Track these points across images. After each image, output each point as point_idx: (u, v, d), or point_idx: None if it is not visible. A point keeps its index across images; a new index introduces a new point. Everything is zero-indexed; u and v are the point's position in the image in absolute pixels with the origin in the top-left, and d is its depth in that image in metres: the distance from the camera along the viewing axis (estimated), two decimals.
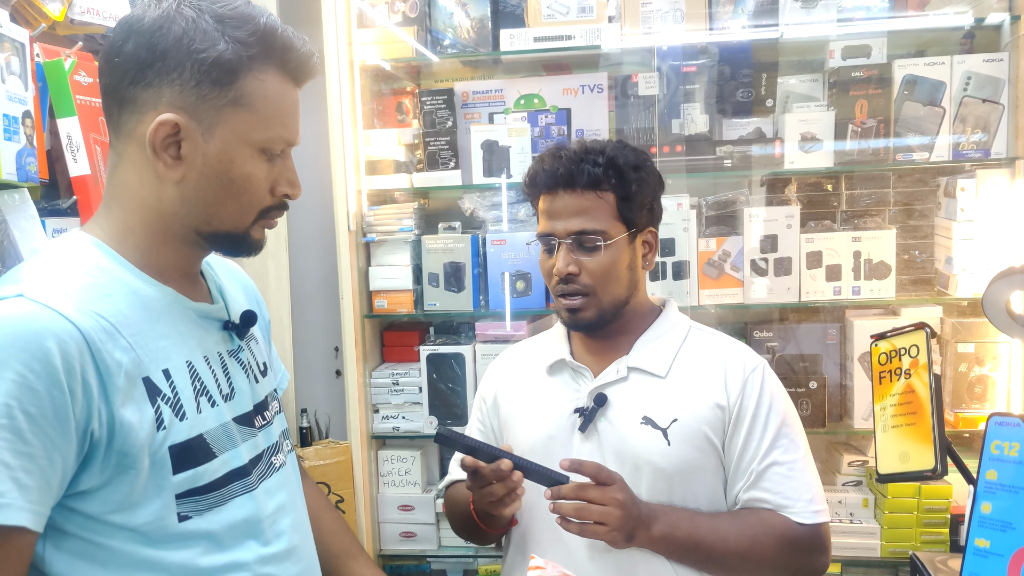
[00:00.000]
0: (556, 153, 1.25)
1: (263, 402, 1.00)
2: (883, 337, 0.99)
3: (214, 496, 0.88)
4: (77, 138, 1.47)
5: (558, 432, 1.27)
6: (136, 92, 0.84)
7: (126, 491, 0.81)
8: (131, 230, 0.89)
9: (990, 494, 0.81)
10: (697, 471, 1.23)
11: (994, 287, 0.97)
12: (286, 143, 0.90)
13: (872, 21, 1.96)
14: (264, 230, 0.94)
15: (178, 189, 0.87)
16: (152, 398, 0.83)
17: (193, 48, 0.82)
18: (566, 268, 1.22)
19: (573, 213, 1.22)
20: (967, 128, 1.93)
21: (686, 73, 2.04)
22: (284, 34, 0.86)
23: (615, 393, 1.26)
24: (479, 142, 2.07)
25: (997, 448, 0.82)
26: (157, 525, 0.83)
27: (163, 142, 0.84)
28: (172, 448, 0.84)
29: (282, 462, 1.00)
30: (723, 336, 1.34)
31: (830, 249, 1.98)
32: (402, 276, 2.13)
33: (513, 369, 1.40)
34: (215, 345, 0.94)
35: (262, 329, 1.10)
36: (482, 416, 1.42)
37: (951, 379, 1.94)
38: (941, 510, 1.90)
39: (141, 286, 0.87)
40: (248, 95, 0.85)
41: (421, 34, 2.13)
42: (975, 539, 0.80)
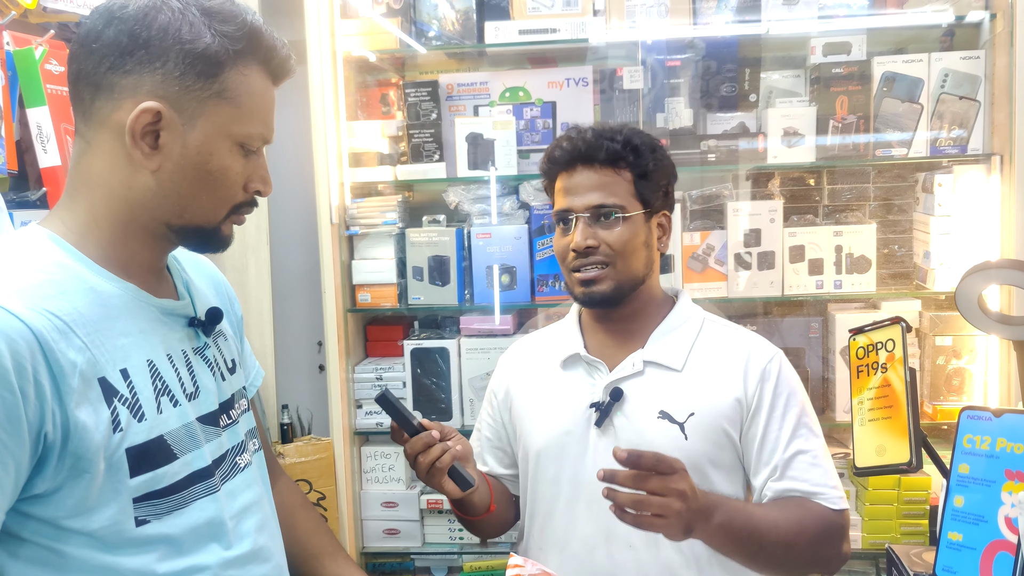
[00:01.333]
0: (576, 132, 1.27)
1: (229, 400, 0.98)
2: (861, 331, 1.00)
3: (174, 499, 0.86)
4: (47, 128, 1.45)
5: (574, 427, 1.26)
6: (115, 79, 0.83)
7: (81, 495, 0.79)
8: (95, 222, 0.87)
9: (962, 487, 0.82)
10: (714, 465, 1.23)
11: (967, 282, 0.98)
12: (263, 140, 0.91)
13: (853, 18, 1.97)
14: (232, 227, 0.94)
15: (153, 179, 0.85)
16: (108, 399, 0.81)
17: (180, 38, 0.82)
18: (584, 241, 1.22)
19: (592, 188, 1.24)
20: (944, 124, 1.95)
21: (670, 67, 2.05)
22: (268, 34, 0.88)
23: (631, 387, 1.25)
24: (464, 135, 2.06)
25: (969, 442, 0.83)
26: (113, 530, 0.81)
27: (143, 129, 0.83)
28: (129, 450, 0.82)
29: (247, 462, 0.98)
30: (737, 328, 1.34)
31: (812, 243, 2.00)
32: (386, 270, 2.12)
33: (525, 363, 1.39)
34: (179, 342, 0.92)
35: (233, 325, 1.08)
36: (493, 411, 1.41)
37: (929, 372, 1.97)
38: (920, 502, 1.93)
39: (101, 283, 0.85)
40: (232, 89, 0.85)
41: (406, 25, 2.11)
42: (948, 532, 0.81)
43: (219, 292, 1.08)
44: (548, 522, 1.28)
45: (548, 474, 1.28)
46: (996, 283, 1.02)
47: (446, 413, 2.12)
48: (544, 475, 1.29)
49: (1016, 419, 0.81)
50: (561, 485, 1.26)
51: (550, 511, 1.28)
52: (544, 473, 1.29)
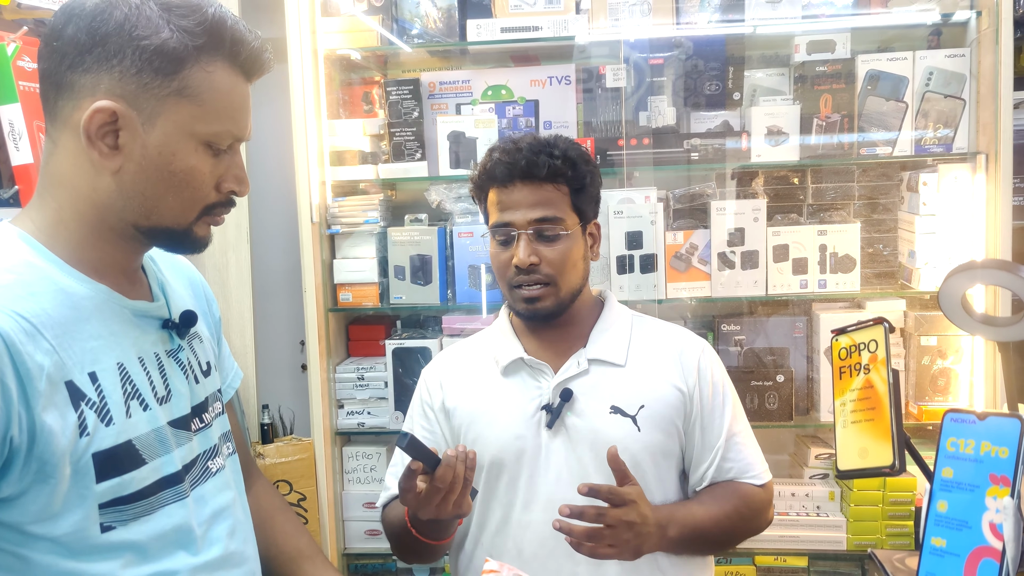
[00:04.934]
0: (512, 146, 1.26)
1: (202, 404, 0.96)
2: (843, 332, 0.99)
3: (141, 505, 0.84)
4: (19, 125, 1.42)
5: (525, 431, 1.27)
6: (74, 77, 0.81)
7: (46, 500, 0.78)
8: (63, 223, 0.85)
9: (946, 492, 0.81)
10: (666, 454, 1.28)
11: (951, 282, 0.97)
12: (234, 138, 0.87)
13: (838, 18, 1.96)
14: (209, 227, 0.91)
15: (115, 180, 0.83)
16: (75, 403, 0.79)
17: (135, 35, 0.79)
18: (528, 258, 1.23)
19: (533, 204, 1.24)
20: (929, 123, 1.94)
21: (654, 65, 2.03)
22: (234, 26, 0.84)
23: (579, 386, 1.27)
24: (446, 133, 2.04)
25: (952, 445, 0.81)
26: (78, 536, 0.79)
27: (99, 130, 0.81)
28: (96, 455, 0.80)
29: (220, 466, 0.96)
30: (661, 322, 1.41)
31: (796, 242, 1.99)
32: (367, 269, 2.09)
33: (459, 373, 1.37)
34: (152, 345, 0.90)
35: (210, 327, 1.06)
36: (428, 424, 1.37)
37: (914, 372, 1.96)
38: (906, 503, 1.92)
39: (71, 283, 0.83)
40: (194, 86, 0.82)
41: (387, 23, 2.09)
42: (931, 538, 0.80)
43: (196, 293, 1.05)
44: (503, 528, 1.28)
45: (502, 481, 1.28)
46: (981, 283, 1.01)
47: None
48: (498, 482, 1.28)
49: (1001, 422, 0.80)
50: (517, 491, 1.27)
51: (505, 517, 1.27)
52: (498, 480, 1.28)
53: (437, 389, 1.37)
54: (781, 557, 2.00)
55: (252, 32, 0.86)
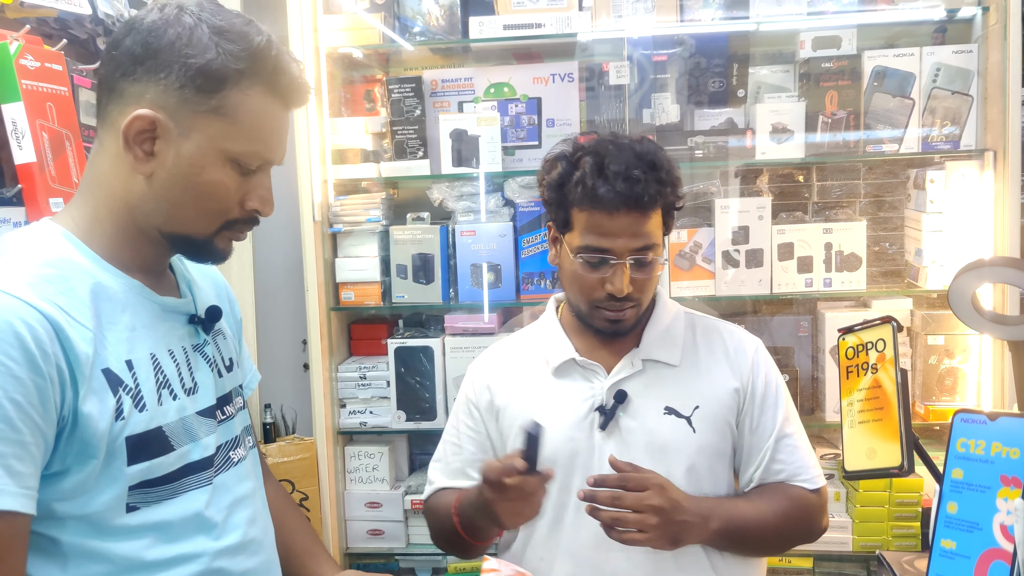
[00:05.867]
0: (622, 171, 1.17)
1: (226, 396, 1.00)
2: (850, 331, 0.98)
3: (167, 488, 0.88)
4: (22, 124, 1.41)
5: (577, 433, 1.25)
6: (125, 85, 0.86)
7: (82, 479, 0.82)
8: (100, 221, 0.90)
9: (956, 493, 0.79)
10: (720, 455, 1.26)
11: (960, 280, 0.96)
12: (264, 160, 0.91)
13: (843, 14, 1.94)
14: (230, 241, 0.95)
15: (147, 184, 0.88)
16: (114, 388, 0.84)
17: (184, 52, 0.84)
18: (627, 289, 1.19)
19: (635, 233, 1.18)
20: (936, 120, 1.93)
21: (657, 62, 2.02)
22: (278, 56, 0.88)
23: (633, 387, 1.25)
24: (448, 131, 2.03)
25: (963, 446, 0.80)
26: (107, 515, 0.84)
27: (137, 136, 0.86)
28: (129, 439, 0.84)
29: (241, 456, 1.00)
30: (714, 318, 1.37)
31: (801, 241, 1.98)
32: (369, 268, 2.08)
33: (509, 372, 1.35)
34: (180, 339, 0.94)
35: (232, 326, 1.10)
36: (475, 423, 1.35)
37: (921, 371, 1.94)
38: (912, 504, 1.91)
39: (107, 278, 0.88)
40: (230, 107, 0.86)
41: (389, 21, 2.08)
42: (941, 540, 0.78)
43: (220, 294, 1.10)
44: (555, 530, 1.26)
45: (554, 483, 1.24)
46: (990, 281, 0.99)
47: (430, 412, 2.09)
48: (553, 485, 1.24)
49: (1012, 423, 0.78)
50: (571, 492, 1.24)
51: (558, 518, 1.25)
52: (552, 482, 1.23)
53: (484, 389, 1.34)
54: (786, 558, 1.98)
55: (296, 63, 0.91)
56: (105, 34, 1.80)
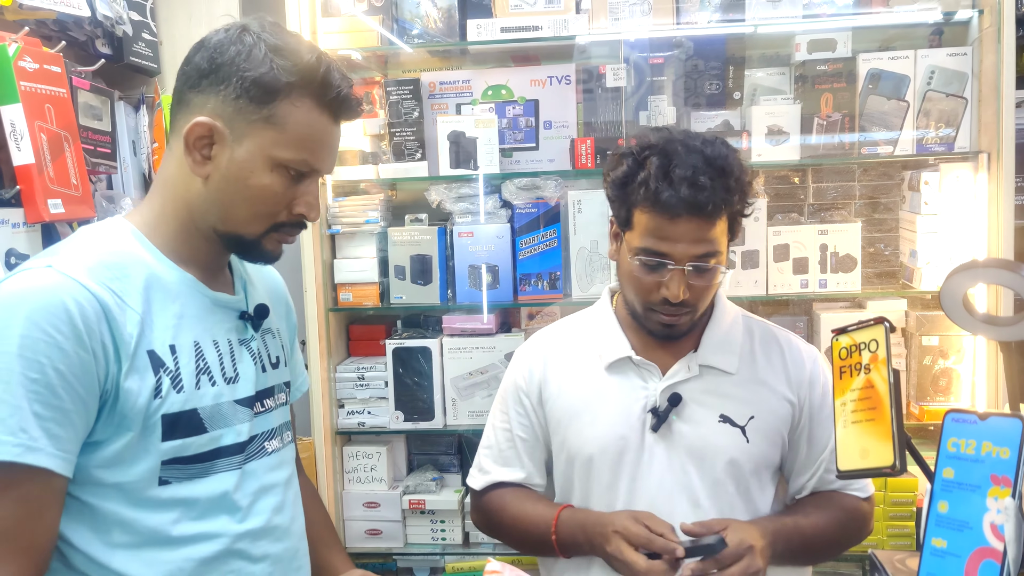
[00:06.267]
0: (689, 175, 1.12)
1: (267, 390, 1.06)
2: (843, 332, 0.98)
3: (197, 467, 0.95)
4: (21, 126, 1.42)
5: (629, 432, 1.24)
6: (191, 96, 0.96)
7: (120, 449, 0.90)
8: (163, 218, 0.99)
9: (947, 493, 0.80)
10: (768, 465, 1.26)
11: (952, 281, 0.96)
12: (310, 168, 0.97)
13: (839, 17, 1.95)
14: (279, 244, 1.01)
15: (204, 186, 0.96)
16: (155, 369, 0.92)
17: (242, 67, 0.92)
18: (682, 295, 1.17)
19: (697, 239, 1.15)
20: (931, 122, 1.94)
21: (654, 65, 2.03)
22: (326, 72, 0.95)
23: (688, 391, 1.24)
24: (446, 133, 2.04)
25: (954, 445, 0.81)
26: (140, 486, 0.91)
27: (196, 141, 0.94)
28: (165, 416, 0.91)
29: (276, 448, 1.06)
30: (773, 325, 1.35)
31: (797, 242, 1.99)
32: (368, 269, 2.09)
33: (562, 363, 1.32)
34: (226, 332, 1.01)
35: (286, 331, 1.18)
36: (525, 410, 1.34)
37: (915, 372, 1.95)
38: (907, 503, 1.92)
39: (163, 270, 0.96)
40: (280, 116, 0.93)
41: (388, 23, 2.09)
42: (932, 539, 0.79)
43: (276, 300, 1.17)
44: None
45: (603, 480, 1.25)
46: (983, 283, 1.00)
47: (428, 413, 2.10)
48: (598, 482, 1.26)
49: (1002, 422, 0.79)
50: (618, 492, 1.24)
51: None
52: (598, 480, 1.26)
53: (534, 376, 1.33)
54: None
55: (345, 79, 0.97)
56: (104, 36, 1.80)
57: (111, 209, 1.74)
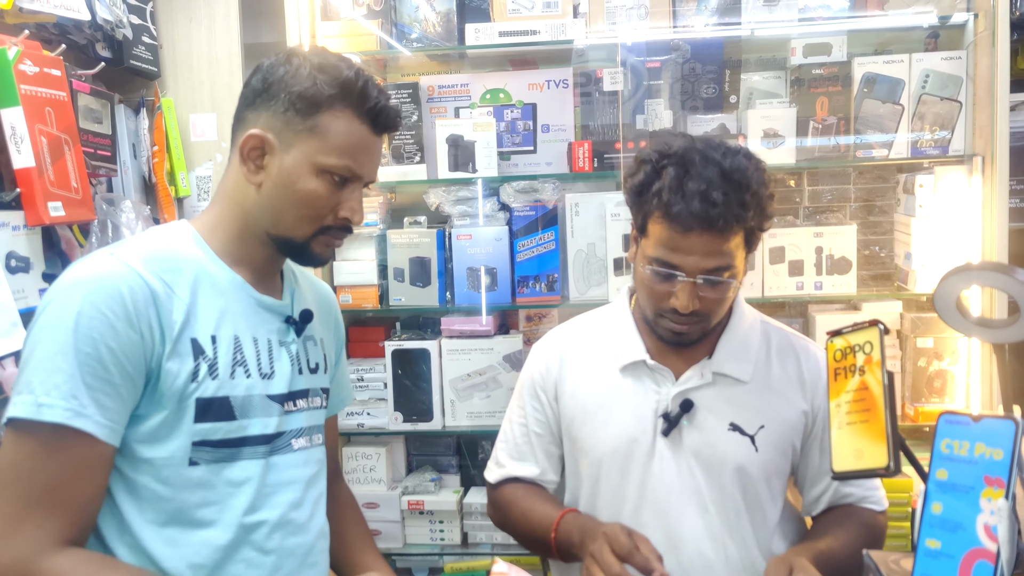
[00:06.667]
0: (704, 188, 1.10)
1: (301, 392, 1.12)
2: (838, 334, 0.99)
3: (224, 452, 1.01)
4: (21, 129, 1.42)
5: (640, 435, 1.24)
6: (247, 113, 1.05)
7: (156, 426, 0.98)
8: (221, 224, 1.08)
9: (941, 493, 0.81)
10: (779, 474, 1.26)
11: (946, 283, 0.97)
12: (352, 173, 1.05)
13: (834, 21, 1.97)
14: (327, 247, 1.08)
15: (257, 193, 1.05)
16: (195, 355, 1.00)
17: (289, 84, 1.02)
18: (692, 306, 1.16)
19: (709, 253, 1.13)
20: (926, 125, 1.95)
21: (651, 68, 2.04)
22: (363, 86, 1.03)
23: (700, 398, 1.24)
24: (444, 136, 2.05)
25: (947, 447, 0.82)
26: (171, 463, 0.98)
27: (250, 152, 1.04)
28: (199, 400, 0.99)
29: (303, 447, 1.11)
30: (791, 332, 1.34)
31: (793, 244, 2.00)
32: (367, 271, 2.10)
33: (579, 362, 1.33)
34: (268, 332, 1.09)
35: (331, 344, 1.25)
36: (541, 406, 1.34)
37: (910, 373, 1.97)
38: (902, 504, 1.93)
39: (215, 268, 1.05)
40: (323, 126, 1.02)
41: (387, 27, 2.10)
42: (926, 539, 0.80)
43: (325, 313, 1.25)
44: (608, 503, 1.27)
45: (612, 481, 1.26)
46: (977, 285, 1.01)
47: (427, 414, 2.11)
48: (607, 482, 1.26)
49: (995, 424, 0.80)
50: (626, 494, 1.25)
51: (612, 518, 1.25)
52: (607, 480, 1.26)
53: (550, 373, 1.34)
54: None
55: (383, 93, 1.05)
56: (104, 39, 1.81)
57: (111, 212, 1.74)
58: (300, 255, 1.09)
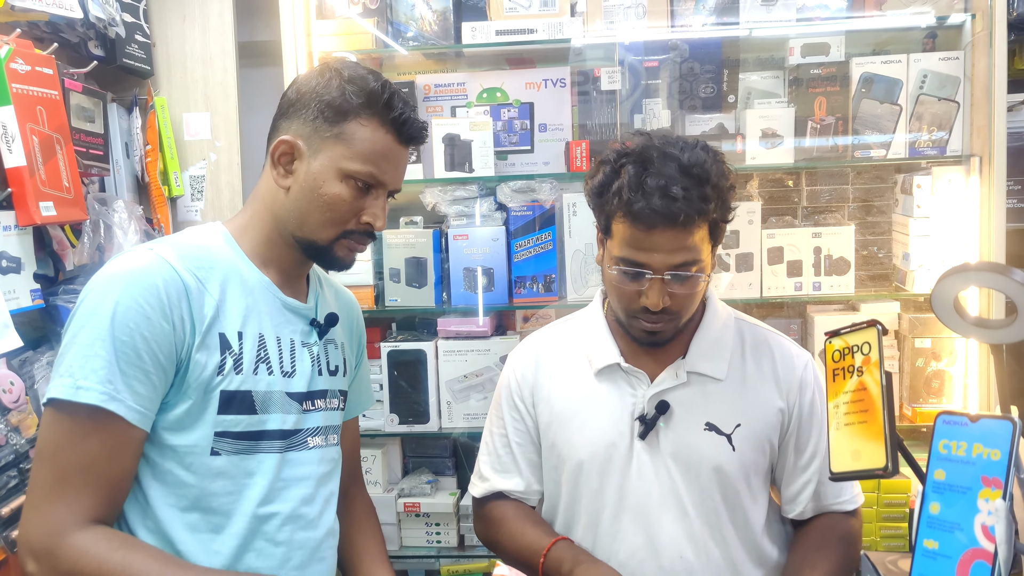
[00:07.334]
0: (662, 184, 1.11)
1: (320, 392, 1.16)
2: (836, 334, 0.99)
3: (244, 444, 1.06)
4: (12, 128, 1.41)
5: (618, 439, 1.24)
6: (281, 122, 1.11)
7: (182, 414, 1.03)
8: (252, 225, 1.13)
9: (938, 494, 0.81)
10: (757, 472, 1.25)
11: (943, 284, 0.97)
12: (376, 180, 1.09)
13: (832, 21, 1.96)
14: (349, 252, 1.13)
15: (286, 196, 1.10)
16: (223, 349, 1.05)
17: (319, 93, 1.08)
18: (662, 303, 1.15)
19: (674, 249, 1.13)
20: (923, 125, 1.95)
21: (649, 68, 2.04)
22: (389, 97, 1.08)
23: (675, 398, 1.23)
24: (441, 136, 2.04)
25: (945, 447, 0.81)
26: (194, 451, 1.03)
27: (281, 157, 1.09)
28: (223, 392, 1.04)
29: (317, 444, 1.15)
30: (766, 329, 1.33)
31: (791, 245, 1.99)
32: (363, 271, 2.09)
33: (553, 367, 1.33)
34: (291, 333, 1.13)
35: (351, 348, 1.29)
36: (520, 415, 1.34)
37: (908, 374, 1.96)
38: (900, 505, 1.92)
39: (244, 268, 1.11)
40: (349, 133, 1.07)
41: (383, 26, 2.09)
42: (924, 540, 0.80)
43: (348, 319, 1.29)
44: (589, 534, 1.26)
45: (591, 487, 1.25)
46: (974, 285, 1.01)
47: (423, 416, 2.09)
48: (586, 488, 1.26)
49: (993, 424, 0.80)
50: (605, 498, 1.24)
51: (592, 523, 1.25)
52: (586, 486, 1.26)
53: (526, 379, 1.34)
54: None
55: (407, 104, 1.10)
56: (96, 38, 1.80)
57: (103, 212, 1.73)
58: (323, 258, 1.14)
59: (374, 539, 1.29)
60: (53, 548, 0.94)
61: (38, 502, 0.96)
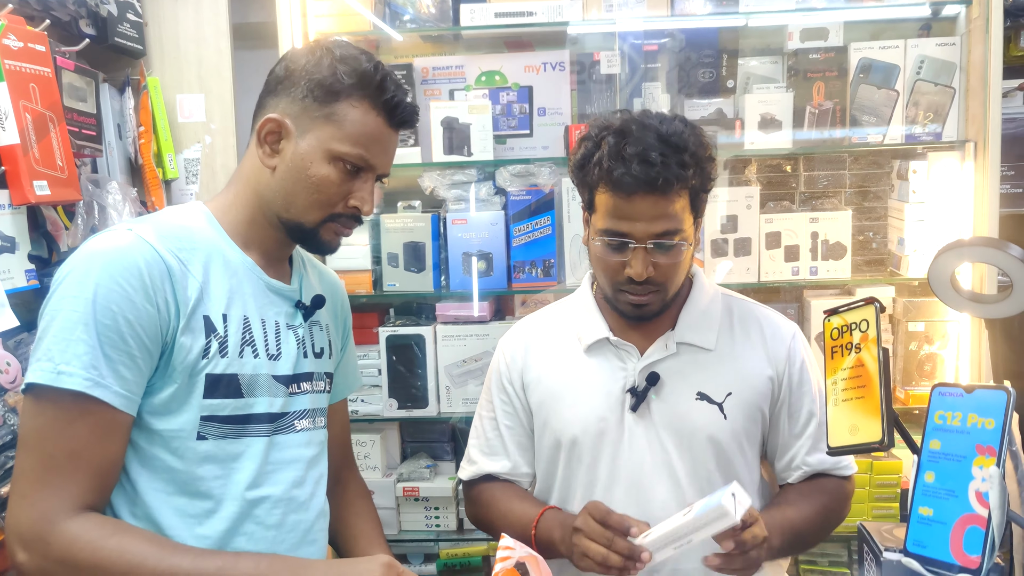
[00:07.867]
0: (640, 151, 1.13)
1: (306, 374, 1.14)
2: (835, 312, 1.00)
3: (231, 428, 1.04)
4: (6, 105, 1.40)
5: (609, 413, 1.25)
6: (268, 99, 1.08)
7: (167, 398, 1.01)
8: (235, 205, 1.10)
9: (934, 463, 0.82)
10: (750, 440, 1.27)
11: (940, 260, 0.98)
12: (365, 163, 1.07)
13: (831, 11, 1.97)
14: (335, 235, 1.10)
15: (272, 176, 1.07)
16: (207, 332, 1.02)
17: (310, 71, 1.05)
18: (646, 273, 1.17)
19: (655, 216, 1.15)
20: (920, 112, 1.96)
21: (648, 52, 2.04)
22: (381, 79, 1.06)
23: (665, 370, 1.24)
24: (439, 119, 2.04)
25: (940, 418, 0.83)
26: (180, 435, 1.01)
27: (267, 136, 1.06)
28: (208, 376, 1.02)
29: (305, 427, 1.14)
30: (752, 302, 1.36)
31: (789, 230, 2.00)
32: (360, 256, 2.09)
33: (542, 348, 1.34)
34: (276, 315, 1.11)
35: (337, 330, 1.27)
36: (509, 398, 1.35)
37: (902, 357, 1.98)
38: (892, 485, 1.94)
39: (227, 249, 1.08)
40: (339, 114, 1.04)
41: (379, 8, 2.08)
42: (919, 508, 0.81)
43: (334, 302, 1.27)
44: None
45: (584, 462, 1.26)
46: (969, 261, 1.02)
47: (421, 400, 2.10)
48: (579, 463, 1.27)
49: (987, 394, 0.81)
50: (598, 472, 1.25)
51: (586, 497, 1.25)
52: (579, 461, 1.27)
53: (515, 362, 1.35)
54: None
55: (400, 87, 1.08)
56: (88, 16, 1.78)
57: (97, 193, 1.72)
58: (309, 241, 1.11)
59: (370, 521, 1.28)
60: (45, 535, 0.92)
61: (26, 490, 0.94)
